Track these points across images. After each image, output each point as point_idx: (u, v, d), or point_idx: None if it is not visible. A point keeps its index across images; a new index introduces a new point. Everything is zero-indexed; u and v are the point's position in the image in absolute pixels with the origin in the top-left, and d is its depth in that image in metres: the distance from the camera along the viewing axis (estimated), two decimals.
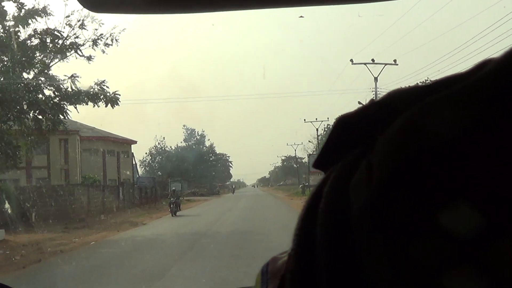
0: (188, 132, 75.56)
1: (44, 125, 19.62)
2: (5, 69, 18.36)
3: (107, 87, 20.35)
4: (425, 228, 0.26)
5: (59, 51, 19.69)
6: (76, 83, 19.79)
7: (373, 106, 0.34)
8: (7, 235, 15.31)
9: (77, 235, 17.09)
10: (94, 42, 20.22)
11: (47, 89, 19.78)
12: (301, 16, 28.25)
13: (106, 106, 20.57)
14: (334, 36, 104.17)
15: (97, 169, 34.67)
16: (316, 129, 54.14)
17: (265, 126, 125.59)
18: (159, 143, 65.61)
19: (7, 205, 17.97)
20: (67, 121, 20.87)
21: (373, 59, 30.18)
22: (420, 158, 0.27)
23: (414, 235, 0.27)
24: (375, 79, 30.25)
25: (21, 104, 18.87)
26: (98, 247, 13.95)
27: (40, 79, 19.64)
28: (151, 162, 64.52)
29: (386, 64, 30.05)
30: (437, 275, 0.26)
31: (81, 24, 20.19)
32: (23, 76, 19.26)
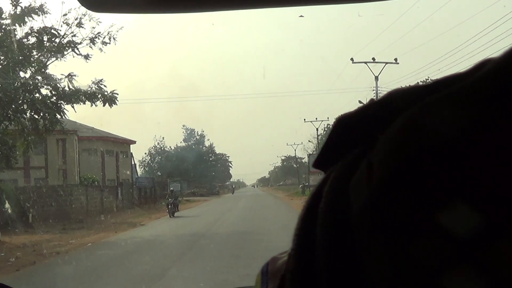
0: (188, 132, 75.36)
1: (41, 125, 19.39)
2: (2, 68, 18.11)
3: (105, 86, 20.16)
4: (425, 228, 0.26)
5: (56, 50, 19.44)
6: (74, 82, 19.58)
7: (374, 106, 0.34)
8: (4, 236, 15.10)
9: (75, 236, 16.90)
10: (92, 41, 19.98)
11: (44, 88, 19.59)
12: (301, 16, 28.09)
13: (104, 106, 20.41)
14: (334, 36, 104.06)
15: (96, 169, 34.42)
16: (316, 129, 53.97)
17: (265, 126, 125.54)
18: (159, 143, 65.45)
19: (4, 206, 17.76)
20: (65, 121, 20.64)
21: (374, 58, 29.96)
22: (420, 158, 0.27)
23: (414, 235, 0.27)
24: (376, 78, 30.03)
25: (18, 104, 18.63)
26: (95, 249, 13.74)
27: (37, 78, 19.41)
28: (151, 162, 64.31)
29: (387, 63, 29.83)
30: (437, 275, 0.26)
31: (79, 23, 19.96)
32: (20, 75, 19.04)
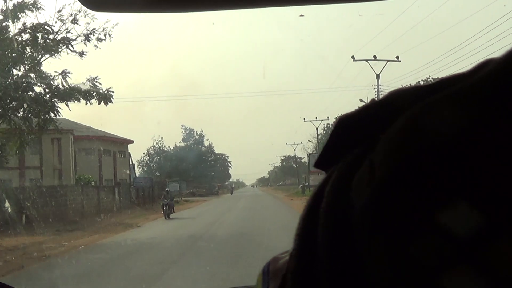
0: (187, 132, 74.91)
1: (35, 123, 18.89)
2: None
3: (100, 84, 19.66)
4: (425, 228, 0.26)
5: (50, 47, 18.91)
6: (68, 80, 19.07)
7: (374, 106, 0.34)
8: None
9: (68, 238, 16.42)
10: (87, 37, 19.46)
11: (38, 86, 19.08)
12: (301, 15, 27.77)
13: (99, 104, 19.93)
14: (335, 35, 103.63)
15: (93, 169, 33.93)
16: (316, 128, 53.53)
17: (265, 126, 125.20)
18: (157, 143, 64.93)
19: None
20: (61, 120, 20.16)
21: (375, 56, 29.45)
22: (421, 158, 0.27)
23: (414, 235, 0.27)
24: (377, 76, 29.52)
25: (10, 102, 18.12)
26: (87, 252, 13.23)
27: (30, 76, 18.89)
28: (149, 162, 63.81)
29: (388, 61, 29.31)
30: (437, 275, 0.26)
31: (74, 19, 19.44)
32: (12, 73, 18.53)
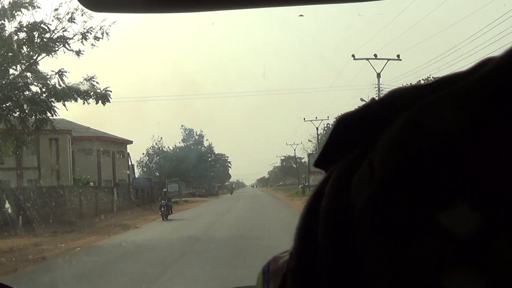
0: (186, 132, 74.63)
1: (31, 122, 18.61)
2: None
3: (97, 83, 19.40)
4: (425, 228, 0.26)
5: (47, 45, 18.62)
6: (65, 79, 18.80)
7: (374, 105, 0.34)
8: None
9: (65, 240, 16.14)
10: (84, 36, 19.17)
11: (34, 85, 18.80)
12: (301, 15, 27.59)
13: (97, 103, 19.66)
14: (335, 35, 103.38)
15: (92, 170, 33.65)
16: (316, 128, 53.25)
17: (264, 126, 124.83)
18: (157, 143, 64.62)
19: None
20: (59, 120, 19.92)
21: (376, 55, 29.17)
22: (420, 158, 0.27)
23: (414, 235, 0.27)
24: (378, 75, 29.23)
25: (6, 102, 17.84)
26: (82, 254, 12.95)
27: (26, 75, 18.61)
28: (149, 163, 63.50)
29: (389, 60, 29.02)
30: (437, 275, 0.26)
31: (71, 18, 19.16)
32: (9, 72, 18.25)
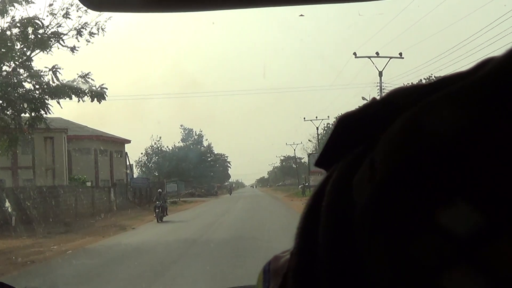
0: (186, 132, 74.13)
1: (24, 122, 18.10)
2: None
3: (93, 80, 18.88)
4: (425, 228, 0.26)
5: (41, 41, 18.08)
6: (59, 76, 18.26)
7: (375, 105, 0.34)
8: None
9: (58, 241, 15.62)
10: (79, 32, 18.66)
11: (27, 82, 18.28)
12: (301, 15, 27.17)
13: (92, 101, 19.16)
14: (335, 35, 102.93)
15: (89, 170, 33.10)
16: (316, 128, 52.77)
17: (264, 126, 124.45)
18: (156, 143, 64.03)
19: None
20: (57, 119, 19.43)
21: (378, 53, 28.66)
22: (420, 158, 0.27)
23: (414, 235, 0.27)
24: (380, 74, 28.72)
25: None
26: (74, 257, 12.41)
27: (19, 71, 18.10)
28: (147, 163, 62.97)
29: (391, 58, 28.52)
30: (437, 275, 0.26)
31: (66, 13, 18.63)
32: (1, 69, 17.73)
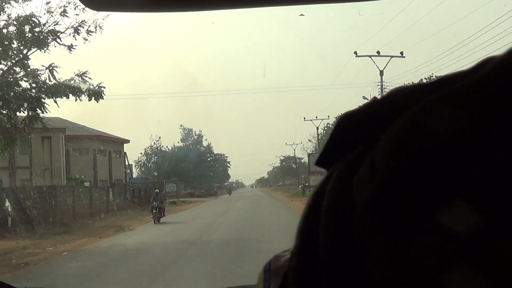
0: (185, 132, 73.85)
1: (20, 121, 17.81)
2: None
3: (90, 78, 18.60)
4: (425, 228, 0.26)
5: (37, 40, 17.80)
6: (56, 75, 17.97)
7: (375, 104, 0.34)
8: None
9: (55, 242, 15.37)
10: (76, 30, 18.37)
11: (24, 81, 18.00)
12: (302, 15, 26.98)
13: (90, 100, 18.88)
14: (335, 34, 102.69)
15: (88, 170, 32.83)
16: (317, 128, 52.52)
17: (264, 126, 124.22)
18: (155, 143, 63.74)
19: None
20: (55, 119, 19.17)
21: (379, 51, 28.40)
22: (420, 158, 0.27)
23: (414, 235, 0.27)
24: (381, 73, 28.45)
25: None
26: (69, 259, 12.14)
27: (16, 70, 17.83)
28: (147, 163, 62.69)
29: (393, 57, 28.25)
30: (437, 275, 0.26)
31: (63, 11, 18.35)
32: None
